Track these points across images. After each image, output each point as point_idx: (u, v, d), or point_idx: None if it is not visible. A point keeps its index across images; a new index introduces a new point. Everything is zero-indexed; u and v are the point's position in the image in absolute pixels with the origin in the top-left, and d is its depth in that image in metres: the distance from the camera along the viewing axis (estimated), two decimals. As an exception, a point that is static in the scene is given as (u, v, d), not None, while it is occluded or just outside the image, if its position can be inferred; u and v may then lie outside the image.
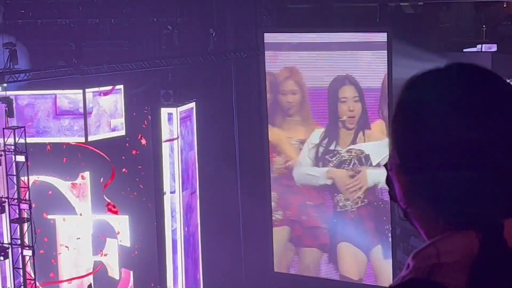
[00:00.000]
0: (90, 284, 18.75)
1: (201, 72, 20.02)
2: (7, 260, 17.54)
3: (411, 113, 1.76)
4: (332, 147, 18.62)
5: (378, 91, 17.90)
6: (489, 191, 1.70)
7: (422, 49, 17.72)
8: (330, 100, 18.53)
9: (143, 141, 18.74)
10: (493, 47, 19.47)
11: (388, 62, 17.75)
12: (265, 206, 19.58)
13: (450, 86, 1.74)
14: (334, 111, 18.56)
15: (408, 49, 17.77)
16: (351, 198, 18.71)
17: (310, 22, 19.58)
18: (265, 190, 19.61)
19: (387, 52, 17.77)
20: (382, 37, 17.91)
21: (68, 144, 18.30)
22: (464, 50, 19.51)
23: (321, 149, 18.76)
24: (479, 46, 19.59)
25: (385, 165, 1.85)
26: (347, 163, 18.53)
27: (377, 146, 18.09)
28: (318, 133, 18.77)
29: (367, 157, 18.26)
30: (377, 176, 18.29)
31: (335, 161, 18.64)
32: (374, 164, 18.16)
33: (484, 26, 19.75)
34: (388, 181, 1.84)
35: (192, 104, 19.18)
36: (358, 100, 18.30)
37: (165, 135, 18.44)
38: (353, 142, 18.42)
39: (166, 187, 18.54)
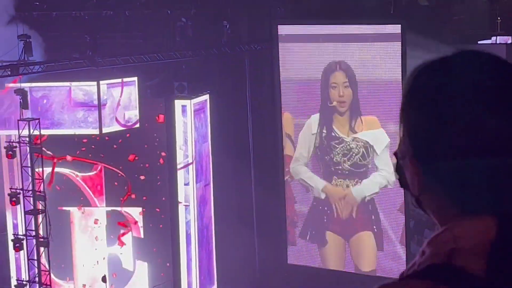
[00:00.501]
0: (104, 276, 18.82)
1: (215, 64, 20.03)
2: (22, 252, 17.64)
3: (427, 99, 1.73)
4: (334, 134, 18.61)
5: (391, 83, 17.81)
6: (506, 176, 1.69)
7: (436, 41, 17.63)
8: (322, 87, 18.55)
9: (161, 161, 18.82)
10: (508, 39, 19.35)
11: (402, 54, 17.69)
12: (278, 198, 19.57)
13: (467, 72, 1.72)
14: (325, 97, 18.58)
15: (422, 41, 17.68)
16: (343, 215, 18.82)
17: (324, 14, 19.52)
18: (278, 182, 19.59)
19: (401, 44, 17.70)
20: (396, 29, 17.85)
21: (77, 159, 18.44)
22: (479, 42, 19.39)
23: (323, 135, 18.72)
24: (494, 38, 19.47)
25: (395, 153, 1.83)
26: (355, 153, 18.48)
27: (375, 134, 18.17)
28: (314, 119, 18.74)
29: (372, 147, 18.26)
30: (360, 191, 18.48)
31: (342, 148, 18.59)
32: (378, 152, 18.12)
33: (499, 18, 19.63)
34: (398, 169, 1.82)
35: (206, 96, 19.16)
36: (348, 85, 18.30)
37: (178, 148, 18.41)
38: (351, 129, 18.41)
39: (181, 197, 18.58)
